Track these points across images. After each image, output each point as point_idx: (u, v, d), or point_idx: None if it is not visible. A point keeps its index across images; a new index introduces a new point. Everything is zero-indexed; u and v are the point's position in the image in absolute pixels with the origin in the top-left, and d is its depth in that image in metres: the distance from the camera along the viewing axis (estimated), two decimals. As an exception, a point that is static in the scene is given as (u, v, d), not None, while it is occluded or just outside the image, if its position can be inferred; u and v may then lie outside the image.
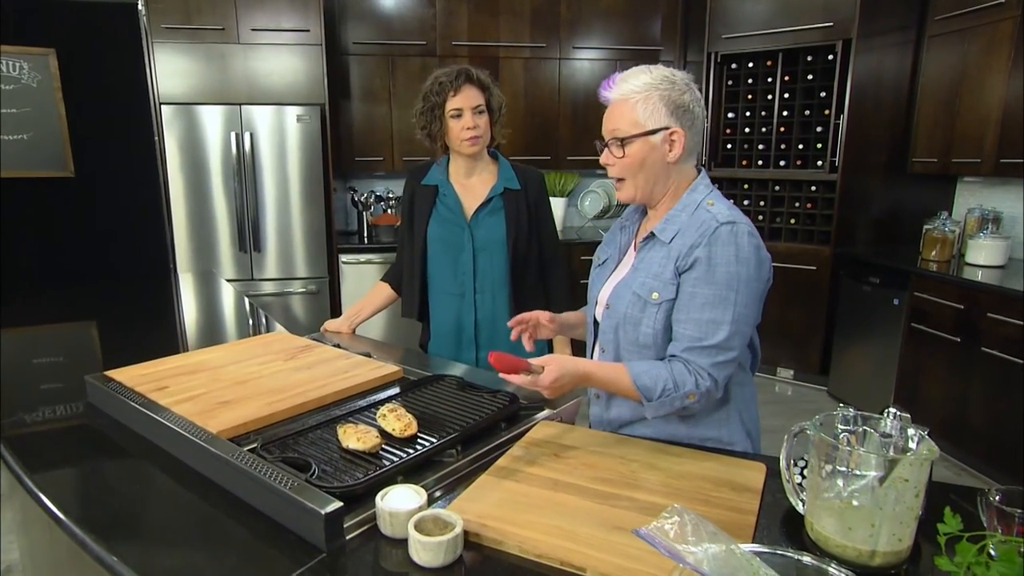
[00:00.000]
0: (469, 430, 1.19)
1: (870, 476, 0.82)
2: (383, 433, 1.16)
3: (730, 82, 4.21)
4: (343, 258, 4.07)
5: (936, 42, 3.58)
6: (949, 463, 3.09)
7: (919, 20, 3.67)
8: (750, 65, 4.11)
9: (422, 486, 1.01)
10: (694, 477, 1.10)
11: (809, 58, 3.87)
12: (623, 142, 1.24)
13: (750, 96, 4.15)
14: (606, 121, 1.27)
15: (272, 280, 4.02)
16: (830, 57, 3.76)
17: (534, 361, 1.16)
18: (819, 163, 3.93)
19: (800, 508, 0.91)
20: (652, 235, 1.29)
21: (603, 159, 1.30)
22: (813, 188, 3.98)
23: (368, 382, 1.41)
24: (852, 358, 3.78)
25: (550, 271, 1.86)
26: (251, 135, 3.86)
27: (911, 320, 3.32)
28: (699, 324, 1.19)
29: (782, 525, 0.97)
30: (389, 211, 4.36)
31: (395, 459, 1.07)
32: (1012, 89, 3.10)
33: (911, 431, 0.91)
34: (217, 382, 1.38)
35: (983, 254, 3.30)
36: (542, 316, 1.45)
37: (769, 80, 4.05)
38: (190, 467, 1.13)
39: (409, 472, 1.07)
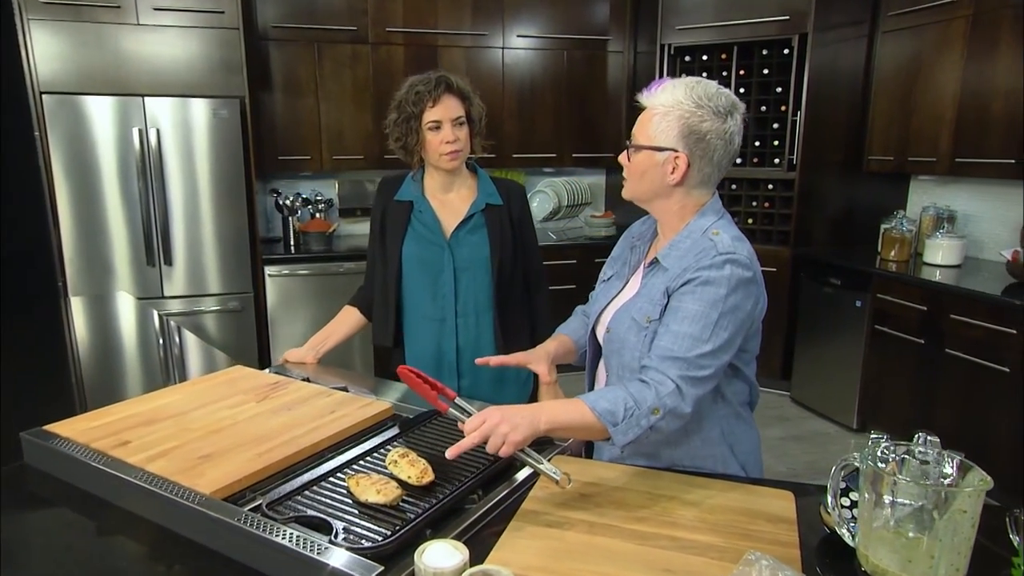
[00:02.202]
0: (489, 472, 1.23)
1: (917, 504, 0.92)
2: (398, 482, 1.17)
3: (683, 75, 4.39)
4: (268, 270, 3.97)
5: (889, 38, 3.89)
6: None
7: (872, 15, 3.97)
8: (704, 58, 4.31)
9: (452, 538, 1.04)
10: (727, 510, 1.18)
11: (764, 52, 4.11)
12: (633, 148, 1.34)
13: (705, 90, 4.35)
14: (636, 123, 1.36)
15: (186, 297, 3.87)
16: (785, 51, 4.01)
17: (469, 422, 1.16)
18: (776, 161, 4.17)
19: (849, 540, 1.01)
20: (656, 261, 1.38)
21: (621, 156, 1.39)
22: (770, 187, 4.22)
23: (361, 423, 1.42)
24: (814, 362, 4.05)
25: (534, 291, 1.92)
26: (157, 131, 3.70)
27: (874, 322, 3.59)
28: (676, 336, 1.25)
29: (826, 556, 1.06)
30: (319, 216, 4.29)
31: (418, 510, 1.09)
32: (966, 88, 3.42)
33: (945, 455, 1.02)
34: (188, 432, 1.35)
35: (940, 254, 3.62)
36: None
37: (724, 74, 4.26)
38: (180, 535, 1.10)
39: (434, 523, 1.09)
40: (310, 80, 4.16)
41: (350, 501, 1.13)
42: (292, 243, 4.25)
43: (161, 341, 2.50)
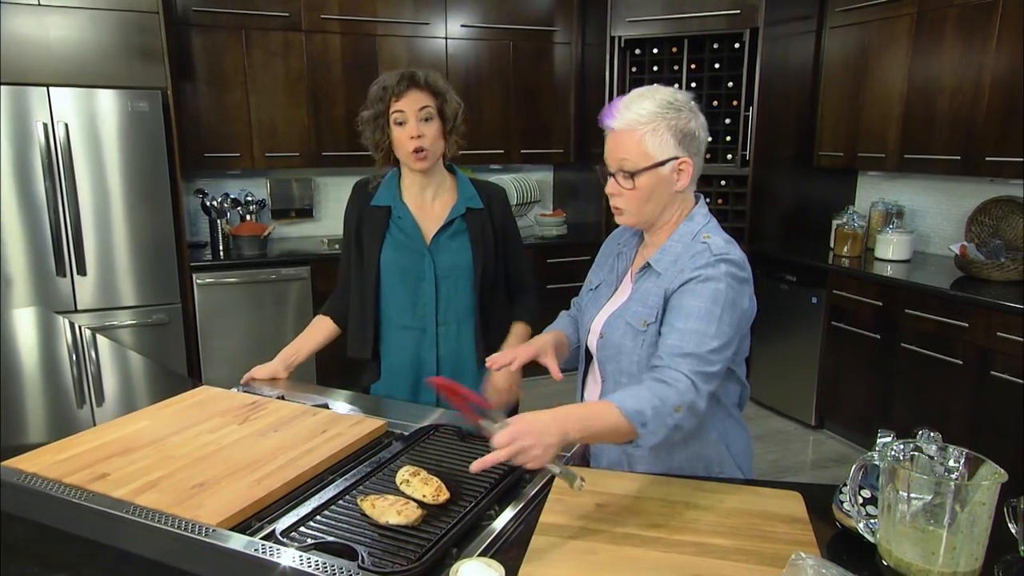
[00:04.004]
0: (503, 486, 1.27)
1: (931, 498, 1.03)
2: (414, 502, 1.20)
3: (634, 68, 4.54)
4: (197, 278, 3.87)
5: (837, 34, 4.14)
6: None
7: (820, 10, 4.21)
8: (655, 51, 4.46)
9: (478, 555, 1.08)
10: (742, 513, 1.27)
11: (715, 46, 4.29)
12: (633, 175, 1.39)
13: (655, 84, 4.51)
14: (612, 150, 1.42)
15: (105, 311, 3.72)
16: (736, 46, 4.20)
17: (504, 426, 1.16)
18: (729, 156, 4.37)
19: (869, 536, 1.11)
20: (648, 265, 1.47)
21: (609, 188, 1.45)
22: (723, 183, 4.42)
23: (357, 441, 1.44)
24: (771, 359, 4.26)
25: (519, 298, 1.97)
26: (66, 126, 3.54)
27: (830, 318, 3.82)
28: (683, 333, 1.33)
29: (843, 554, 1.16)
30: (250, 218, 4.20)
31: (439, 529, 1.13)
32: (912, 85, 3.68)
33: (950, 450, 1.14)
34: (172, 461, 1.34)
35: (891, 249, 3.88)
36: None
37: (675, 68, 4.42)
38: (187, 571, 1.10)
39: (457, 541, 1.13)
40: (238, 71, 4.07)
41: (366, 524, 1.15)
42: (221, 248, 4.15)
43: (75, 357, 2.42)
